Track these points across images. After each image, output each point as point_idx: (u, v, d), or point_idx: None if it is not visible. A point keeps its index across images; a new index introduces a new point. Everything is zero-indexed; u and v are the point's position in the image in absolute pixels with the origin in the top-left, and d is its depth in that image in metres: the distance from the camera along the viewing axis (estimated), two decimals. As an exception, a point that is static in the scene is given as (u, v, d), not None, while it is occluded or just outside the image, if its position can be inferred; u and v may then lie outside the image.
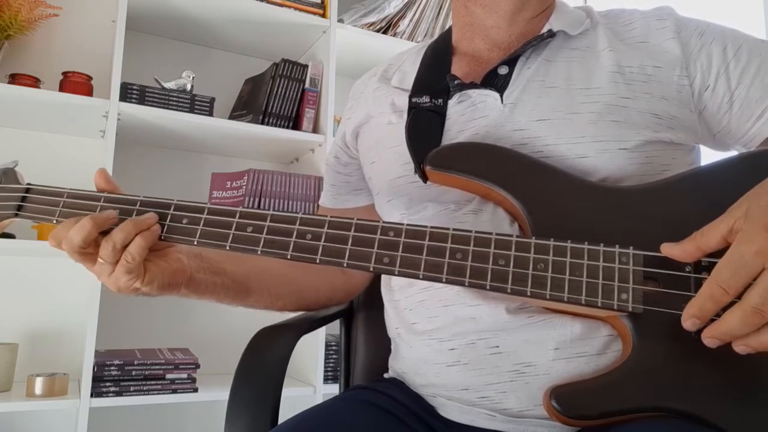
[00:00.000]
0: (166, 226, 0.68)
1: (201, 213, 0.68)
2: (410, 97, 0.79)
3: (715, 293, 0.51)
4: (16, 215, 0.72)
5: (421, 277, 0.61)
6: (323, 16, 1.90)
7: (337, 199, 0.95)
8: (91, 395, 1.49)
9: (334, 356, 1.82)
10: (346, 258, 0.63)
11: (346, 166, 0.92)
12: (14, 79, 1.58)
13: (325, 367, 1.76)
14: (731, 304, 0.51)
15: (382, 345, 0.86)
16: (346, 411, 0.70)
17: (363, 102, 0.89)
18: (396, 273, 0.62)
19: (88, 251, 0.66)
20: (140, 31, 1.90)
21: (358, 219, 0.65)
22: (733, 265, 0.50)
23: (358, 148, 0.89)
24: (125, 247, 0.65)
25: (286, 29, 1.90)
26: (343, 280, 0.93)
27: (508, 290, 0.59)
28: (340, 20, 1.93)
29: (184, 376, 1.60)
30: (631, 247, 0.59)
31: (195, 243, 0.67)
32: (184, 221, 0.68)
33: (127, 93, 1.64)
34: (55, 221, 0.70)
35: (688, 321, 0.53)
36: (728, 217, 0.53)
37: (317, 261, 0.64)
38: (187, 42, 2.01)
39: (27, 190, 0.73)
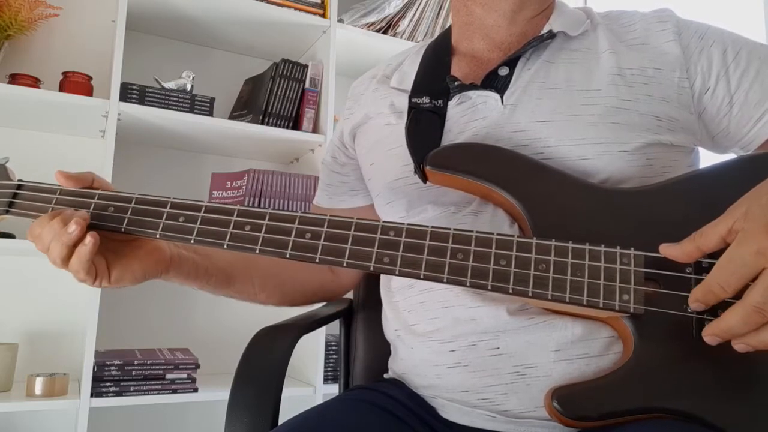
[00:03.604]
0: (162, 225, 0.68)
1: (198, 211, 0.68)
2: (410, 97, 0.79)
3: (714, 290, 0.52)
4: (7, 212, 0.71)
5: (421, 277, 0.61)
6: (323, 16, 1.90)
7: (333, 199, 0.94)
8: (91, 395, 1.49)
9: (334, 356, 1.82)
10: (346, 257, 0.63)
11: (344, 167, 0.92)
12: (14, 79, 1.58)
13: (325, 367, 1.75)
14: (729, 305, 0.51)
15: (381, 345, 0.86)
16: (346, 411, 0.70)
17: (362, 102, 0.89)
18: (396, 273, 0.62)
19: None
20: (140, 31, 1.90)
21: (358, 218, 0.65)
22: (733, 265, 0.50)
23: (355, 148, 0.89)
24: (68, 260, 0.66)
25: (286, 29, 1.90)
26: (331, 279, 0.93)
27: (510, 290, 0.59)
28: (340, 20, 1.93)
29: (184, 376, 1.60)
30: (632, 248, 0.59)
31: (192, 241, 0.67)
32: (181, 219, 0.68)
33: (127, 93, 1.64)
34: None
35: (694, 304, 0.54)
36: (727, 217, 0.53)
37: (317, 260, 0.64)
38: (187, 42, 2.00)
39: (18, 187, 0.72)
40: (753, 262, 0.49)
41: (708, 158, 0.74)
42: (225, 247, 0.66)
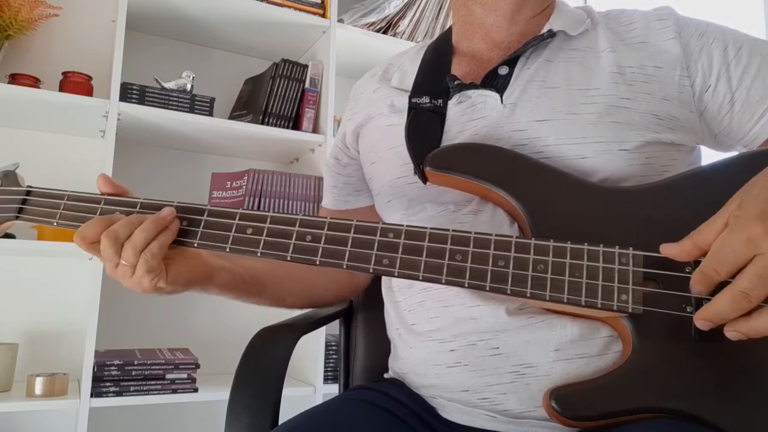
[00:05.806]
0: None
1: (201, 215, 0.68)
2: (410, 97, 0.79)
3: (709, 273, 0.52)
4: (17, 218, 0.72)
5: (420, 278, 0.61)
6: (323, 16, 1.90)
7: (338, 200, 0.95)
8: (91, 395, 1.49)
9: (334, 356, 1.82)
10: (346, 259, 0.63)
11: (346, 167, 0.92)
12: (14, 79, 1.58)
13: (325, 367, 1.76)
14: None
15: (382, 345, 0.86)
16: (346, 411, 0.70)
17: (363, 103, 0.89)
18: (395, 274, 0.62)
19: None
20: (140, 31, 1.90)
21: (357, 220, 0.65)
22: (723, 252, 0.51)
23: (358, 149, 0.89)
24: (147, 246, 0.65)
25: (286, 29, 1.90)
26: (348, 279, 0.93)
27: (508, 291, 0.59)
28: (340, 20, 1.93)
29: (184, 376, 1.60)
30: (631, 248, 0.59)
31: (195, 245, 0.67)
32: (184, 223, 0.68)
33: (127, 93, 1.64)
34: (55, 224, 0.70)
35: (696, 287, 0.54)
36: (723, 212, 0.53)
37: (317, 262, 0.64)
38: (187, 42, 2.00)
39: (28, 193, 0.73)
40: (742, 249, 0.50)
41: (710, 156, 0.74)
42: (227, 250, 0.66)
